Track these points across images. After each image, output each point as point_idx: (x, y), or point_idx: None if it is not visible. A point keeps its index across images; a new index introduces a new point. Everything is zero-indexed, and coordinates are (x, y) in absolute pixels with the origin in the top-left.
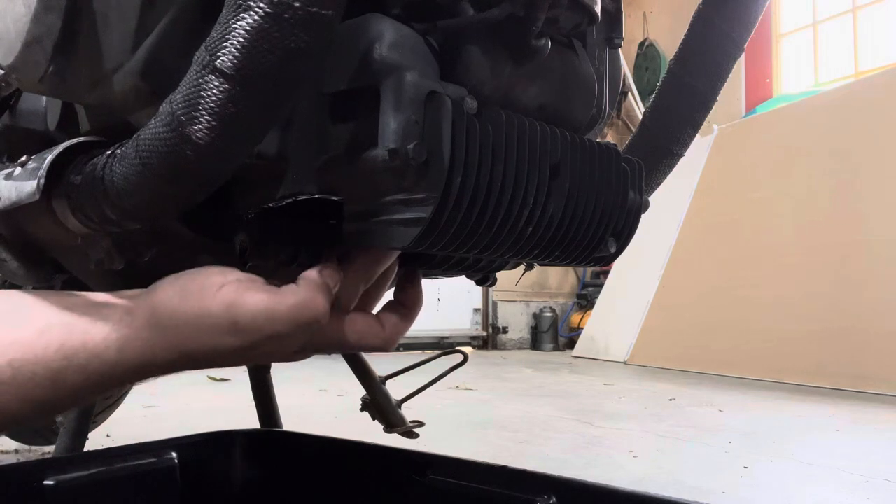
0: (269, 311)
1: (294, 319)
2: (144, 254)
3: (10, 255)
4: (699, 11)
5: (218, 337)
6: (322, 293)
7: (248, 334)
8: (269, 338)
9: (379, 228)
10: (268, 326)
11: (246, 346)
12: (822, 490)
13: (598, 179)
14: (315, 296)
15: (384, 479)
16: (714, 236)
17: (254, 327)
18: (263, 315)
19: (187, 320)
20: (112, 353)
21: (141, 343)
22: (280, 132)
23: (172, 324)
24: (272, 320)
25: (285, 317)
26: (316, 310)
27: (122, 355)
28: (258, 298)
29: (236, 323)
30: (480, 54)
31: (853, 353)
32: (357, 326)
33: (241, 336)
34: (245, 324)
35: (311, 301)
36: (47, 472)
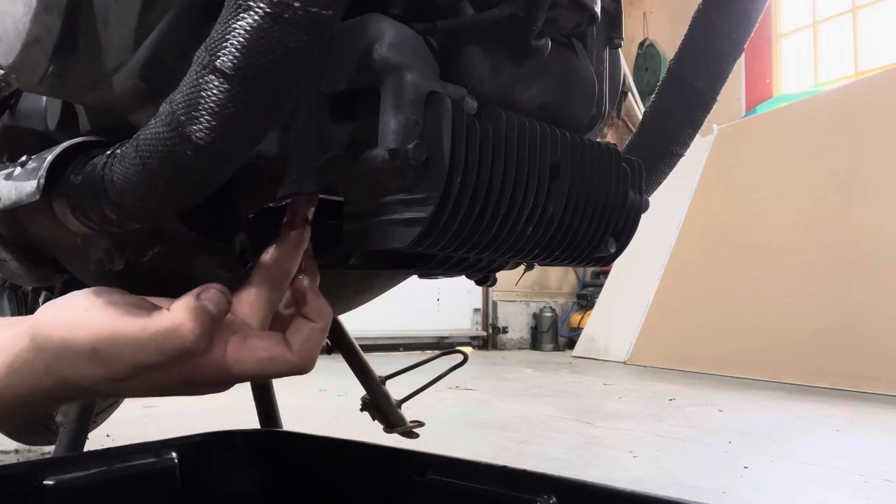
0: (129, 339)
1: (158, 348)
2: (144, 254)
3: (10, 255)
4: (699, 11)
5: (83, 365)
6: (194, 318)
7: (110, 364)
8: (132, 368)
9: (379, 228)
10: (128, 355)
11: (114, 377)
12: (822, 490)
13: (598, 179)
14: (183, 321)
15: (384, 479)
16: (714, 236)
17: (114, 356)
18: (122, 342)
19: (55, 346)
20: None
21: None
22: (280, 132)
23: (47, 348)
24: (132, 347)
25: (147, 345)
26: (182, 337)
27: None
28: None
29: (96, 351)
30: (480, 54)
31: (853, 353)
32: (258, 353)
33: (103, 365)
34: (104, 352)
35: (178, 328)
36: (47, 472)
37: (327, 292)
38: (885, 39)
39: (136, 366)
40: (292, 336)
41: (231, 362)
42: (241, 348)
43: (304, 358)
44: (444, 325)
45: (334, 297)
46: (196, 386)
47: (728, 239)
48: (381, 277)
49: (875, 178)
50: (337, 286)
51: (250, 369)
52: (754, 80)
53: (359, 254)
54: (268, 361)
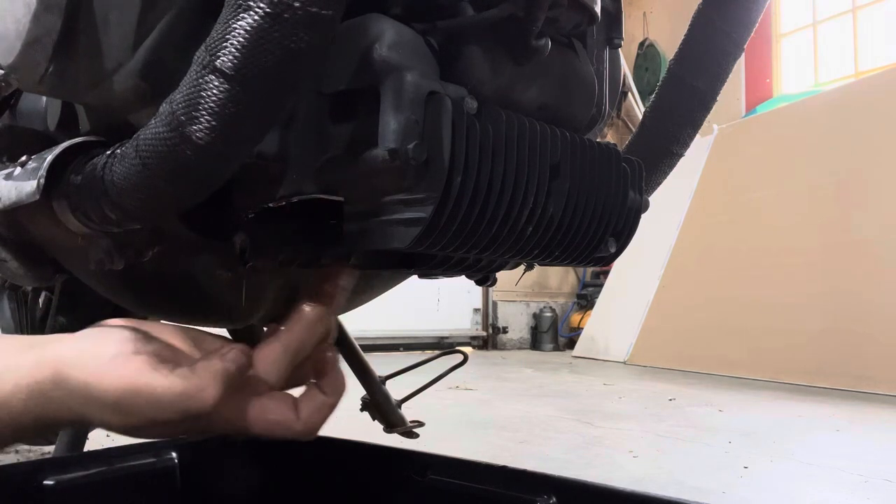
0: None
1: (179, 409)
2: (144, 254)
3: (10, 255)
4: (699, 11)
5: (103, 412)
6: (216, 382)
7: (131, 416)
8: (151, 421)
9: (379, 228)
10: (149, 411)
11: (131, 426)
12: (822, 490)
13: (598, 179)
14: (207, 385)
15: (384, 479)
16: (714, 236)
17: (135, 410)
18: (145, 400)
19: (77, 388)
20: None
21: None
22: (280, 132)
23: (67, 386)
24: (154, 405)
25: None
26: (203, 401)
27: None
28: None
29: (118, 405)
30: (480, 54)
31: (853, 354)
32: (268, 416)
33: (123, 416)
34: (127, 406)
35: (201, 391)
36: (47, 472)
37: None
38: (885, 39)
39: (154, 420)
40: (303, 404)
41: (240, 421)
42: (252, 408)
43: (310, 429)
44: (444, 325)
45: None
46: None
47: (728, 239)
48: (381, 277)
49: (875, 178)
50: None
51: (256, 430)
52: (754, 80)
53: (359, 254)
54: (274, 425)
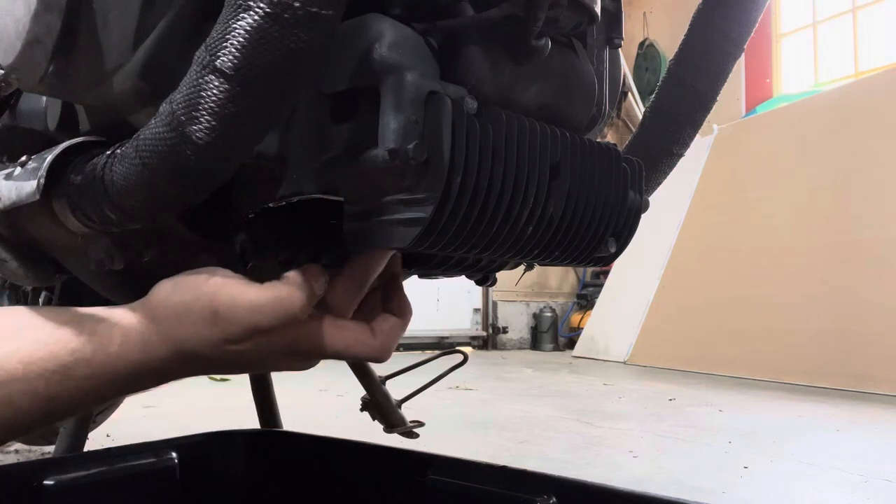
0: (247, 302)
1: (272, 312)
2: (144, 254)
3: (10, 255)
4: (699, 11)
5: (201, 326)
6: (301, 290)
7: (228, 324)
8: (248, 330)
9: (379, 228)
10: (245, 317)
11: (229, 339)
12: (822, 490)
13: (598, 179)
14: (293, 291)
15: (384, 479)
16: (714, 236)
17: (232, 317)
18: (241, 305)
19: (176, 310)
20: (115, 345)
21: (139, 336)
22: (280, 132)
23: (164, 314)
24: (250, 310)
25: (263, 308)
26: (293, 304)
27: (123, 348)
28: (238, 290)
29: (216, 312)
30: (480, 54)
31: (853, 353)
32: (348, 333)
33: (221, 326)
34: (224, 313)
35: (289, 295)
36: (47, 472)
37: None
38: (885, 39)
39: (251, 328)
40: (377, 326)
41: (327, 338)
42: (335, 327)
43: (385, 347)
44: (444, 325)
45: None
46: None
47: (728, 239)
48: None
49: (875, 178)
50: None
51: (339, 347)
52: (754, 80)
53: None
54: (355, 343)
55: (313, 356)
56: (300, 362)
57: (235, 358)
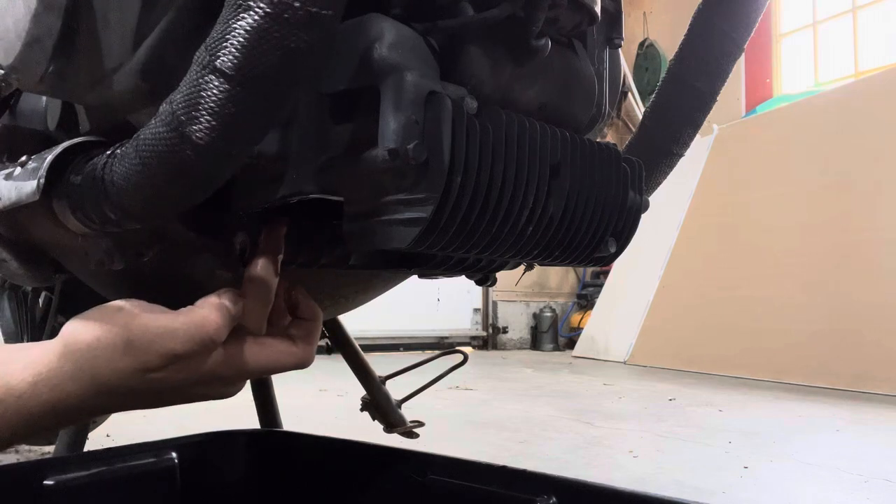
0: (162, 328)
1: (186, 336)
2: (144, 254)
3: (10, 255)
4: (699, 11)
5: (116, 358)
6: (217, 311)
7: (142, 353)
8: (163, 356)
9: (379, 228)
10: (159, 343)
11: (145, 368)
12: (822, 490)
13: (598, 179)
14: (209, 313)
15: (384, 479)
16: (714, 236)
17: (146, 344)
18: (155, 332)
19: (88, 344)
20: (25, 386)
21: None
22: (280, 132)
23: (76, 349)
24: (165, 337)
25: (178, 334)
26: (209, 327)
27: (36, 389)
28: (151, 317)
29: (130, 341)
30: (480, 54)
31: (853, 353)
32: (268, 349)
33: (134, 355)
34: (137, 342)
35: (205, 318)
36: (47, 472)
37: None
38: (885, 39)
39: (166, 354)
40: (294, 333)
41: (248, 357)
42: (255, 345)
43: (306, 352)
44: (444, 325)
45: (334, 297)
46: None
47: (728, 239)
48: (381, 277)
49: (875, 178)
50: (337, 286)
51: (263, 364)
52: (754, 80)
53: (359, 254)
54: (277, 355)
55: (237, 379)
56: (224, 387)
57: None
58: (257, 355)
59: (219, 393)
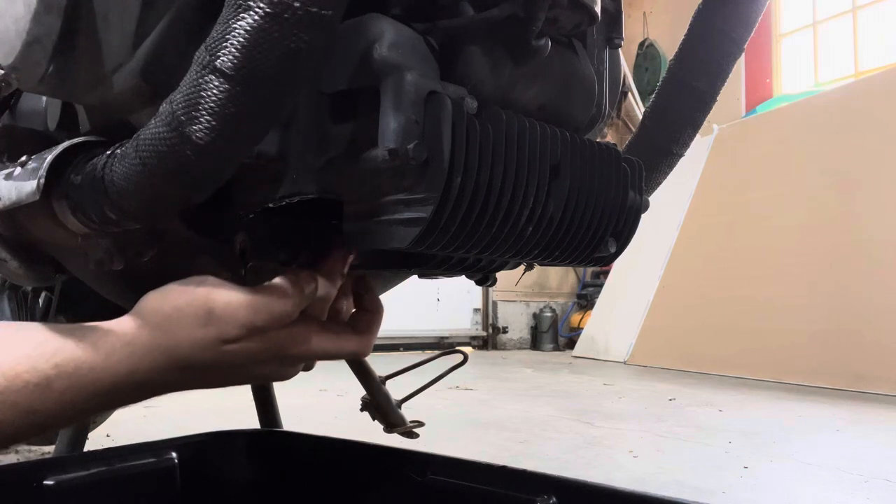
0: (241, 300)
1: (267, 310)
2: (144, 254)
3: (10, 255)
4: (699, 11)
5: (195, 328)
6: (293, 291)
7: (224, 323)
8: (244, 327)
9: (379, 228)
10: (243, 315)
11: (225, 338)
12: (822, 490)
13: (598, 179)
14: (286, 291)
15: (384, 479)
16: (714, 236)
17: (227, 315)
18: (236, 303)
19: (167, 314)
20: (99, 358)
21: (126, 346)
22: (280, 132)
23: (154, 321)
24: (247, 308)
25: (257, 306)
26: (286, 304)
27: (108, 360)
28: (233, 290)
29: (211, 311)
30: (480, 54)
31: (853, 353)
32: (333, 333)
33: (217, 325)
34: (219, 311)
35: (283, 296)
36: (47, 472)
37: None
38: (885, 39)
39: (248, 325)
40: (355, 324)
41: (314, 339)
42: (319, 328)
43: (365, 342)
44: (444, 325)
45: None
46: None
47: (728, 239)
48: (381, 277)
49: (875, 178)
50: None
51: (325, 347)
52: (754, 80)
53: (359, 254)
54: (340, 341)
55: (300, 359)
56: (286, 367)
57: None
58: (321, 338)
59: (280, 374)
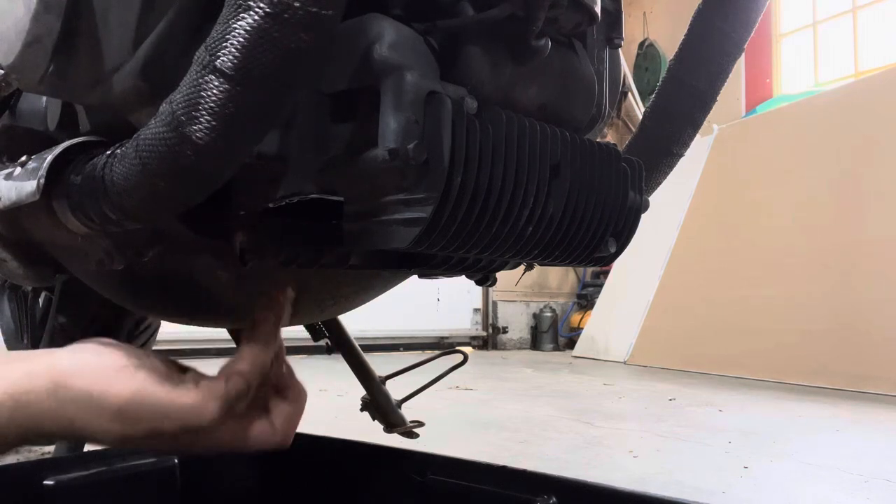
0: (157, 408)
1: (181, 421)
2: (144, 254)
3: (10, 254)
4: (699, 11)
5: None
6: (217, 402)
7: (132, 424)
8: (150, 431)
9: (379, 228)
10: (152, 422)
11: (128, 435)
12: (822, 490)
13: (598, 179)
14: (209, 403)
15: (384, 479)
16: (714, 236)
17: (137, 419)
18: (150, 410)
19: (76, 397)
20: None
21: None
22: (280, 132)
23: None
24: (158, 415)
25: (172, 417)
26: (204, 418)
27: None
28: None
29: (123, 412)
30: (480, 54)
31: (853, 353)
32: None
33: (124, 424)
34: (130, 414)
35: (203, 408)
36: (47, 472)
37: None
38: (885, 39)
39: (154, 430)
40: (275, 417)
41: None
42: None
43: (284, 437)
44: (444, 325)
45: (334, 297)
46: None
47: (728, 239)
48: (381, 277)
49: (875, 178)
50: (337, 286)
51: (242, 446)
52: (754, 80)
53: (359, 254)
54: (257, 439)
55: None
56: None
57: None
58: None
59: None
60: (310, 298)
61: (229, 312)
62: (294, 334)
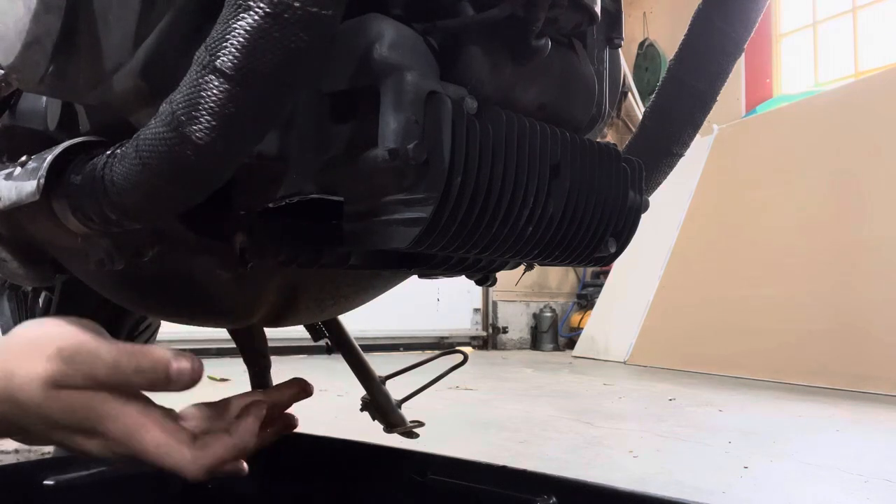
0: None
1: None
2: (144, 254)
3: (10, 255)
4: (699, 11)
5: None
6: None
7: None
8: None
9: (379, 228)
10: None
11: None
12: (822, 490)
13: (598, 179)
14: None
15: (384, 479)
16: (714, 236)
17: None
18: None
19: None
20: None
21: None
22: (280, 132)
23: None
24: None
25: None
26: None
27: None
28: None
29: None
30: (480, 54)
31: (853, 353)
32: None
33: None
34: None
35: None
36: (47, 472)
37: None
38: (885, 39)
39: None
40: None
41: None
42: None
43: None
44: (444, 325)
45: (334, 297)
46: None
47: (728, 239)
48: (381, 277)
49: (875, 178)
50: (337, 286)
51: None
52: (754, 80)
53: (359, 254)
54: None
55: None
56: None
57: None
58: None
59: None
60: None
61: (229, 312)
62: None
